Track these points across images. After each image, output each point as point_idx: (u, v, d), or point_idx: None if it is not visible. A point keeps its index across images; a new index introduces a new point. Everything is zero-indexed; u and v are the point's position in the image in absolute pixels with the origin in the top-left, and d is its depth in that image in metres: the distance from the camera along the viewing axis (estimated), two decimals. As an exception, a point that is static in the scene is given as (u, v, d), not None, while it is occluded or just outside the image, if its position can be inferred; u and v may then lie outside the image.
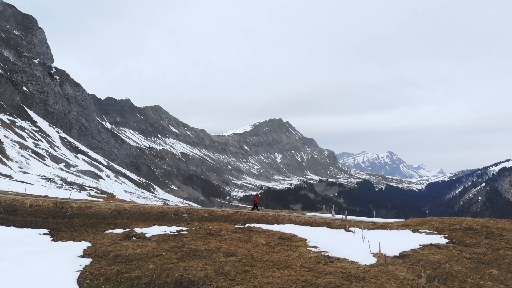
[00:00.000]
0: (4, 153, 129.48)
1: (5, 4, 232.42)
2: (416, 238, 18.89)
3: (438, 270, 13.40)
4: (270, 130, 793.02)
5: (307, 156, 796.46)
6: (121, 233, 21.16)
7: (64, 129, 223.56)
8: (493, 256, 15.31)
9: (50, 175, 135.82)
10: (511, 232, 18.97)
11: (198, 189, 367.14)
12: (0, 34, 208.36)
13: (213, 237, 19.07)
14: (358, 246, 16.82)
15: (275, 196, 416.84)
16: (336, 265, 14.04)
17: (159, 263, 14.33)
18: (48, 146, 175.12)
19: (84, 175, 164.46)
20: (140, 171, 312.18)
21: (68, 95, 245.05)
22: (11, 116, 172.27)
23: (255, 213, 32.28)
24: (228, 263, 14.18)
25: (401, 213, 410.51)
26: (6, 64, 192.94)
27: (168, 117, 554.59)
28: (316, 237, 19.15)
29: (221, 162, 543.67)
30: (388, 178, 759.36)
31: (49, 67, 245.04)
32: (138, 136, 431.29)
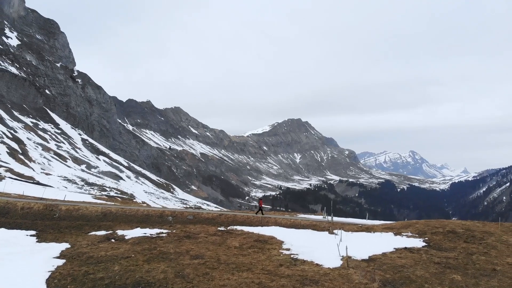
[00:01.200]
0: (27, 155, 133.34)
1: (28, 9, 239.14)
2: (394, 241, 18.78)
3: (398, 274, 13.34)
4: (289, 130, 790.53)
5: (327, 156, 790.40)
6: (102, 235, 21.59)
7: (86, 131, 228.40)
8: (464, 260, 15.17)
9: (71, 176, 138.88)
10: (493, 236, 18.65)
11: (218, 190, 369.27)
12: (23, 38, 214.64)
13: (188, 240, 19.28)
14: (333, 248, 16.78)
15: (294, 197, 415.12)
16: (297, 268, 14.15)
17: (125, 264, 14.67)
18: (70, 148, 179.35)
19: (104, 176, 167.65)
20: (160, 171, 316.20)
21: (89, 98, 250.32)
22: (34, 118, 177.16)
23: (241, 215, 32.77)
24: (191, 266, 14.41)
25: (423, 213, 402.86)
26: (29, 68, 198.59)
27: (188, 118, 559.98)
28: (294, 240, 19.20)
29: (240, 163, 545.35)
30: (410, 178, 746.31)
31: (71, 71, 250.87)
32: (159, 137, 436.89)
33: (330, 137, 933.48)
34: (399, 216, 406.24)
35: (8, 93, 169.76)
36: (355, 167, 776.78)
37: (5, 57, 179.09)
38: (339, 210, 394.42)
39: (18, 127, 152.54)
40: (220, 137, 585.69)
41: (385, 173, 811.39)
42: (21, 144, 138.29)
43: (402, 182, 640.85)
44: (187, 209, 42.11)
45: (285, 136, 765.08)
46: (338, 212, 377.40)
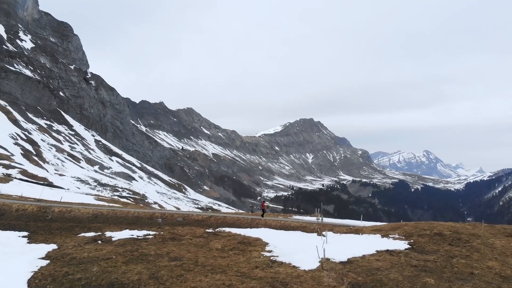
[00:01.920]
0: (41, 156, 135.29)
1: (41, 12, 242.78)
2: (378, 244, 18.71)
3: (371, 277, 13.37)
4: (301, 130, 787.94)
5: (339, 156, 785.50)
6: (90, 236, 21.83)
7: (100, 132, 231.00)
8: (442, 264, 15.09)
9: (84, 177, 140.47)
10: (480, 239, 18.40)
11: (230, 190, 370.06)
12: (37, 41, 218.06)
13: (172, 242, 19.42)
14: (315, 250, 16.82)
15: (307, 197, 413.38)
16: (272, 270, 14.27)
17: (104, 266, 14.99)
18: (83, 149, 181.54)
19: (117, 177, 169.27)
20: (173, 172, 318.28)
21: (103, 99, 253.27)
22: (48, 120, 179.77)
23: (231, 217, 33.07)
24: (168, 267, 14.63)
25: (437, 214, 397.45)
26: (43, 71, 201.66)
27: (200, 119, 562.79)
28: (280, 242, 19.15)
29: (252, 163, 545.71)
30: (425, 178, 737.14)
31: (84, 73, 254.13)
32: (172, 138, 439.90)
33: (343, 137, 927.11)
34: (413, 216, 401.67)
35: (23, 95, 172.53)
36: (369, 167, 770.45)
37: (19, 60, 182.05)
38: (352, 210, 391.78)
39: (32, 129, 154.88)
40: (232, 138, 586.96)
41: (399, 173, 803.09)
42: (35, 145, 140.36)
43: (416, 182, 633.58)
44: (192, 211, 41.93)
45: (297, 136, 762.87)
46: (351, 212, 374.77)
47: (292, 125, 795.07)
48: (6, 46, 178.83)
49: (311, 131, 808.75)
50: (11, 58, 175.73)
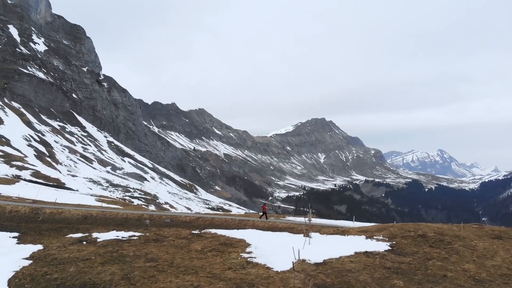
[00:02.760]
0: (54, 158, 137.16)
1: (54, 16, 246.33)
2: (359, 245, 18.75)
3: (340, 279, 13.44)
4: (312, 130, 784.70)
5: (352, 155, 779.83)
6: (77, 237, 22.13)
7: (112, 133, 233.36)
8: (417, 266, 15.09)
9: (96, 178, 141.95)
10: (463, 241, 18.27)
11: (241, 190, 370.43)
12: (50, 44, 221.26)
13: (154, 243, 19.67)
14: (296, 251, 16.84)
15: (319, 197, 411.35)
16: (244, 271, 14.46)
17: (81, 266, 15.33)
18: (96, 150, 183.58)
19: (129, 177, 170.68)
20: (185, 172, 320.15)
21: (115, 101, 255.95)
22: (61, 122, 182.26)
23: (219, 218, 33.15)
24: (142, 268, 14.91)
25: (452, 213, 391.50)
26: (56, 73, 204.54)
27: (212, 120, 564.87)
28: (263, 243, 19.23)
29: (263, 163, 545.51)
30: (439, 177, 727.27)
31: (97, 75, 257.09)
32: (184, 139, 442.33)
33: (356, 136, 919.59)
34: (427, 216, 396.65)
35: (36, 97, 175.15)
36: (382, 167, 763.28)
37: (33, 63, 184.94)
38: (364, 211, 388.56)
39: (45, 131, 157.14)
40: (244, 138, 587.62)
41: (413, 173, 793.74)
42: (48, 147, 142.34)
43: (430, 181, 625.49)
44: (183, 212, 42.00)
45: (308, 136, 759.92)
46: (364, 213, 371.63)
47: (303, 125, 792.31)
48: (20, 49, 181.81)
49: (323, 131, 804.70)
50: (25, 61, 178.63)
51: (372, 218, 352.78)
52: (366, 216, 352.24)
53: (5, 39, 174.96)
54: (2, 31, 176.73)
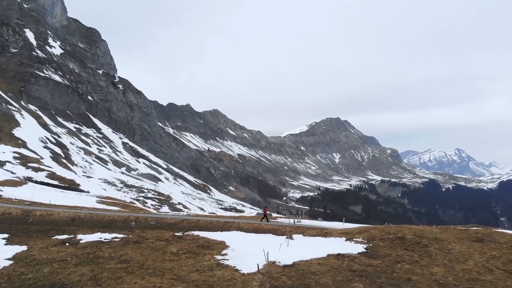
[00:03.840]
0: (69, 159, 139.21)
1: (70, 19, 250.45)
2: (336, 247, 18.73)
3: (300, 281, 13.52)
4: (327, 129, 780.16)
5: (367, 155, 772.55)
6: (62, 239, 22.52)
7: (128, 134, 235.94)
8: (384, 269, 15.06)
9: (111, 179, 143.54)
10: (440, 243, 18.06)
11: (255, 190, 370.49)
12: (66, 47, 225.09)
13: (133, 245, 20.00)
14: (272, 253, 16.97)
15: (333, 198, 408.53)
16: (210, 273, 14.67)
17: (56, 267, 15.70)
18: (111, 151, 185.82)
19: (143, 178, 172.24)
20: (199, 173, 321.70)
21: (130, 103, 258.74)
22: (77, 124, 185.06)
23: (204, 221, 33.29)
24: (112, 270, 15.22)
25: (470, 213, 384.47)
26: (72, 76, 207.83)
27: (226, 120, 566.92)
28: (241, 245, 19.39)
29: (277, 163, 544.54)
30: (456, 177, 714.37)
31: (112, 77, 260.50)
32: (198, 140, 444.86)
33: (371, 136, 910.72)
34: (444, 216, 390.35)
35: (52, 100, 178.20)
36: (398, 167, 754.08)
37: (49, 66, 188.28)
38: (380, 211, 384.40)
39: (61, 133, 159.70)
40: (257, 138, 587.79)
41: (430, 172, 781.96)
42: (64, 148, 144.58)
43: (447, 181, 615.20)
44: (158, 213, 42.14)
45: (323, 135, 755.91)
46: (380, 213, 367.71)
47: (318, 124, 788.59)
48: (36, 53, 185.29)
49: (337, 131, 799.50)
50: (41, 64, 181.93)
51: (388, 218, 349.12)
52: (382, 217, 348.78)
53: (22, 43, 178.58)
54: (19, 35, 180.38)
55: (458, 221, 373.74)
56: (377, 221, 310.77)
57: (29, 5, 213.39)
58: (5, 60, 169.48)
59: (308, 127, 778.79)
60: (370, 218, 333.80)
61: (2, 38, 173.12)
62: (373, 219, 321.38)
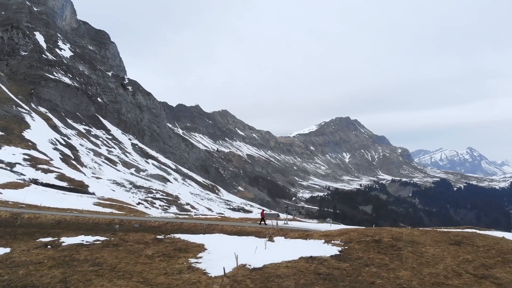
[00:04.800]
0: (79, 160, 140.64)
1: (79, 22, 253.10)
2: (312, 249, 18.86)
3: (263, 284, 13.71)
4: (337, 129, 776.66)
5: (378, 155, 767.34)
6: (45, 241, 22.77)
7: (137, 136, 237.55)
8: (350, 272, 15.17)
9: (120, 180, 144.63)
10: (415, 247, 18.10)
11: (264, 190, 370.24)
12: (76, 50, 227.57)
13: (111, 248, 20.22)
14: (247, 256, 17.24)
15: (343, 198, 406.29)
16: (177, 277, 14.87)
17: (31, 269, 16.08)
18: (120, 152, 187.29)
19: (152, 179, 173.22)
20: (209, 173, 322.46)
21: (140, 104, 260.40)
22: (87, 125, 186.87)
23: (188, 223, 33.60)
24: (82, 272, 15.56)
25: (481, 213, 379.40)
26: (81, 78, 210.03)
27: (234, 121, 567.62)
28: (220, 248, 19.57)
29: (286, 163, 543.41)
30: (468, 176, 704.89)
31: (121, 79, 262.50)
32: (207, 140, 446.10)
33: (382, 135, 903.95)
34: (455, 216, 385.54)
35: (62, 102, 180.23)
36: (409, 166, 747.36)
37: (59, 68, 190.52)
38: (391, 211, 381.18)
39: (71, 134, 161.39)
40: (266, 138, 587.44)
41: (441, 172, 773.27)
42: (73, 150, 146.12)
43: (459, 180, 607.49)
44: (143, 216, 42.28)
45: (333, 135, 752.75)
46: (390, 213, 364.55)
47: (327, 124, 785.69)
48: (46, 55, 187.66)
49: (347, 130, 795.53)
50: (51, 66, 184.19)
51: (399, 218, 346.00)
52: (393, 217, 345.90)
53: (32, 46, 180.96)
54: (29, 38, 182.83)
55: (470, 220, 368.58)
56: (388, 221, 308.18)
57: (39, 8, 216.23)
58: (16, 63, 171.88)
59: (318, 126, 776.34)
60: (380, 218, 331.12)
61: (12, 41, 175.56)
62: (383, 219, 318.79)
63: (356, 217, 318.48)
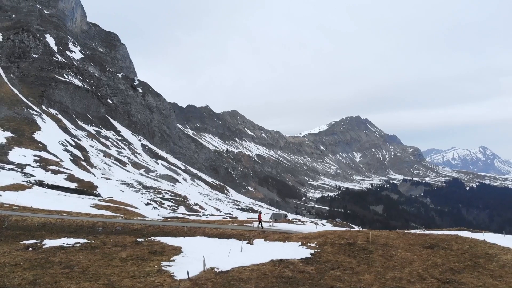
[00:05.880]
0: (88, 161, 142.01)
1: (90, 24, 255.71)
2: (286, 252, 18.90)
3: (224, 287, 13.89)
4: (347, 128, 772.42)
5: (389, 154, 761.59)
6: (28, 244, 23.20)
7: (147, 136, 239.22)
8: (313, 275, 15.18)
9: (129, 180, 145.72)
10: (385, 250, 18.01)
11: (274, 190, 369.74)
12: (86, 52, 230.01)
13: (88, 250, 20.62)
14: (220, 259, 17.40)
15: (354, 197, 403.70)
16: (143, 279, 15.02)
17: (6, 271, 16.38)
18: (130, 153, 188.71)
19: (162, 179, 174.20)
20: (218, 173, 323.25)
21: (150, 105, 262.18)
22: (97, 127, 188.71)
23: (170, 226, 33.73)
24: (53, 275, 15.85)
25: (494, 213, 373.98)
26: (91, 80, 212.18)
27: (244, 121, 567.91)
28: (197, 251, 19.64)
29: (296, 163, 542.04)
30: (480, 175, 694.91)
31: (131, 80, 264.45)
32: (217, 140, 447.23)
33: (393, 134, 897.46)
34: (468, 216, 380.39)
35: (73, 103, 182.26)
36: (420, 165, 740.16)
37: (69, 70, 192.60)
38: (402, 210, 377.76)
39: (81, 135, 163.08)
40: (276, 138, 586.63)
41: (453, 171, 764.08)
42: (83, 151, 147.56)
43: (471, 180, 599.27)
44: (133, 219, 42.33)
45: (343, 134, 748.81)
46: (401, 212, 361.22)
47: (337, 123, 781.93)
48: (56, 58, 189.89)
49: (358, 129, 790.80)
50: (61, 69, 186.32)
51: (410, 218, 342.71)
52: (404, 216, 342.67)
53: (42, 48, 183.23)
54: (39, 41, 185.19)
55: (483, 220, 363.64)
56: (399, 221, 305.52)
57: (49, 11, 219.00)
58: (26, 65, 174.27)
59: (328, 126, 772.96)
60: (391, 218, 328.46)
61: (23, 44, 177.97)
62: (394, 219, 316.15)
63: (367, 217, 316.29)
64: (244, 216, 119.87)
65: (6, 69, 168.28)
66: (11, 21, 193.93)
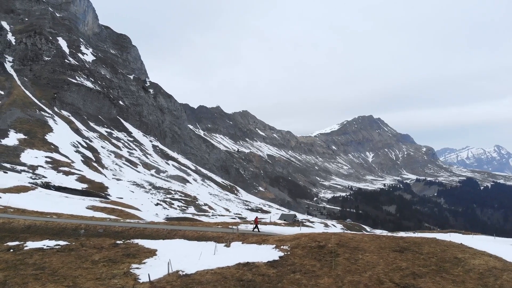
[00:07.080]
0: (100, 162, 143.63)
1: (101, 26, 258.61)
2: (256, 255, 18.87)
3: None
4: (359, 128, 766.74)
5: (402, 154, 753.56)
6: (11, 245, 23.54)
7: (158, 137, 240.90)
8: (272, 279, 14.97)
9: (140, 181, 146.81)
10: (353, 253, 17.88)
11: (285, 191, 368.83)
12: (98, 54, 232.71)
13: (65, 253, 20.87)
14: (193, 262, 17.50)
15: (366, 198, 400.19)
16: (108, 281, 15.18)
17: None
18: (141, 154, 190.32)
19: (172, 180, 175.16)
20: (229, 174, 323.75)
21: (161, 106, 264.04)
22: (109, 128, 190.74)
23: (151, 228, 33.76)
24: (23, 275, 16.16)
25: (509, 212, 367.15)
26: (103, 81, 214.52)
27: (255, 121, 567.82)
28: (172, 253, 19.59)
29: (307, 163, 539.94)
30: (495, 175, 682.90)
31: (143, 82, 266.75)
32: (228, 141, 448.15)
33: (406, 134, 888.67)
34: (482, 216, 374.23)
35: (85, 105, 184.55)
36: (434, 165, 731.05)
37: (81, 73, 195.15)
38: (415, 211, 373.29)
39: (93, 137, 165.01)
40: (287, 138, 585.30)
41: (467, 170, 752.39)
42: (95, 152, 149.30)
43: (486, 179, 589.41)
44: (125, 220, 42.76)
45: (355, 134, 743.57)
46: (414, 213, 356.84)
47: (350, 123, 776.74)
48: (68, 60, 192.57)
49: (370, 129, 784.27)
50: (73, 71, 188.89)
51: (424, 218, 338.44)
52: (417, 217, 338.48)
53: (54, 51, 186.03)
54: (51, 44, 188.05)
55: (497, 220, 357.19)
56: (412, 221, 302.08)
57: (61, 14, 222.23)
58: (39, 68, 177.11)
59: (340, 125, 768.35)
60: (404, 218, 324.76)
61: (35, 47, 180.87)
62: (407, 219, 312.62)
63: (380, 217, 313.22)
64: (253, 217, 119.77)
65: (19, 71, 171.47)
66: (24, 24, 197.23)
